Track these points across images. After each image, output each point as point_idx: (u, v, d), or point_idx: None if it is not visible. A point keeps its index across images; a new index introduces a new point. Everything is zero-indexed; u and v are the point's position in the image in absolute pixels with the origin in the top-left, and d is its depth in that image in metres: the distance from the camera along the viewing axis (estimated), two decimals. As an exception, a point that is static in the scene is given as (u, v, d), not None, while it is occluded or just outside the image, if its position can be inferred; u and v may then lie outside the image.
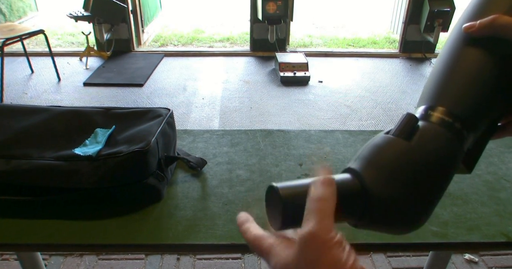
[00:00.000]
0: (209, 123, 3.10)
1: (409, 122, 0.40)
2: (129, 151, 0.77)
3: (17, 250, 1.15)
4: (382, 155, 0.39)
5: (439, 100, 0.42)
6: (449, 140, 0.40)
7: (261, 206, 0.82)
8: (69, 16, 3.86)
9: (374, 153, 0.40)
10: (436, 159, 0.39)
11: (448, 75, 0.43)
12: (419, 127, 0.40)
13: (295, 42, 5.18)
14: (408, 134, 0.40)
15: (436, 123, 0.41)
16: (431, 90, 0.44)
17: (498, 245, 0.76)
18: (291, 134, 1.10)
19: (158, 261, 1.79)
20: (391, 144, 0.39)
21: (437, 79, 0.44)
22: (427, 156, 0.39)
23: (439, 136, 0.40)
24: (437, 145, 0.40)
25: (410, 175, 0.38)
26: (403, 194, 0.38)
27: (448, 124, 0.40)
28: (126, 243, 0.74)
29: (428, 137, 0.40)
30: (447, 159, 0.40)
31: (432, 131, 0.40)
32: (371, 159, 0.40)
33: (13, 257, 1.79)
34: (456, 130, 0.40)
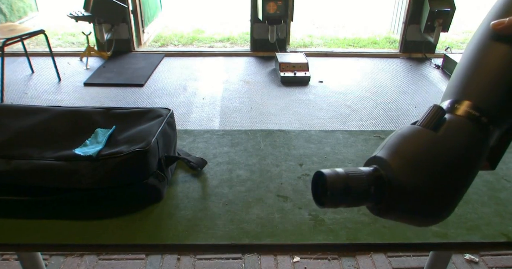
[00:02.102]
0: (209, 123, 3.10)
1: (436, 113, 0.41)
2: (130, 151, 0.77)
3: (18, 250, 1.15)
4: (409, 145, 0.40)
5: (466, 94, 0.43)
6: (476, 134, 0.40)
7: (261, 205, 0.82)
8: (70, 16, 3.86)
9: (401, 143, 0.40)
10: (462, 151, 0.40)
11: (475, 70, 0.44)
12: (446, 119, 0.41)
13: (296, 42, 5.18)
14: (435, 125, 0.40)
15: (463, 116, 0.41)
16: (457, 84, 0.44)
17: (499, 245, 0.75)
18: (291, 134, 1.10)
19: (159, 261, 1.79)
20: (418, 134, 0.40)
21: (463, 73, 0.45)
22: (454, 148, 0.39)
23: (466, 129, 0.40)
24: (464, 137, 0.40)
25: (436, 166, 0.39)
26: (428, 184, 0.38)
27: (475, 118, 0.41)
28: (127, 243, 0.74)
29: (455, 129, 0.40)
30: (473, 152, 0.40)
31: (459, 124, 0.41)
32: (398, 148, 0.40)
33: (14, 257, 1.79)
34: (482, 125, 0.41)
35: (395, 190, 0.39)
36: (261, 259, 1.80)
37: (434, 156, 0.39)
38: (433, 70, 4.21)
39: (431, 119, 0.40)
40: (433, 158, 0.39)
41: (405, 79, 4.01)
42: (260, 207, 0.82)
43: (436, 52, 4.60)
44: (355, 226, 0.77)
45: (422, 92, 3.66)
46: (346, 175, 0.40)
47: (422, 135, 0.40)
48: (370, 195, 0.40)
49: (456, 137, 0.40)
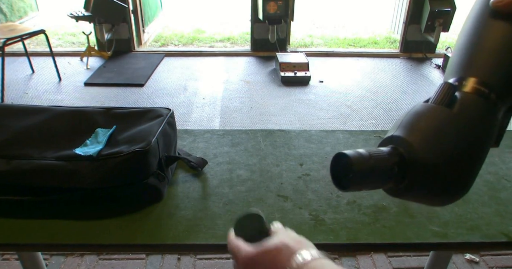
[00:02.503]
0: (209, 123, 3.10)
1: (448, 91, 0.41)
2: (130, 151, 0.77)
3: (18, 250, 1.15)
4: (426, 122, 0.40)
5: (471, 71, 0.43)
6: (488, 110, 0.41)
7: (261, 205, 0.82)
8: (70, 16, 3.86)
9: (418, 121, 0.40)
10: (478, 127, 0.40)
11: (478, 47, 0.44)
12: (457, 96, 0.41)
13: (296, 42, 5.17)
14: (448, 102, 0.40)
15: (473, 93, 0.41)
16: (461, 62, 0.44)
17: (499, 245, 0.76)
18: (291, 134, 1.10)
19: (159, 261, 1.79)
20: (434, 112, 0.40)
21: (466, 51, 0.45)
22: (470, 124, 0.40)
23: (479, 105, 0.41)
24: (478, 114, 0.40)
25: (455, 143, 0.39)
26: (448, 160, 0.38)
27: (485, 94, 0.41)
28: (127, 243, 0.74)
29: (469, 106, 0.40)
30: (487, 128, 0.41)
31: (472, 100, 0.41)
32: (416, 126, 0.40)
33: (14, 257, 1.79)
34: (491, 101, 0.41)
35: (417, 167, 0.39)
36: (261, 259, 1.80)
37: (452, 133, 0.39)
38: (433, 70, 4.21)
39: (444, 96, 0.40)
40: (452, 134, 0.39)
41: (406, 79, 4.01)
42: (261, 207, 0.82)
43: (437, 52, 4.59)
44: (355, 226, 0.77)
45: (422, 92, 3.66)
46: (369, 155, 0.40)
47: (438, 113, 0.40)
48: (393, 175, 0.40)
49: (470, 113, 0.40)
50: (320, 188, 0.88)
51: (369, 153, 0.40)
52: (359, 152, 0.40)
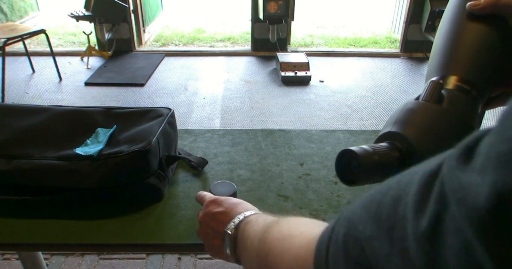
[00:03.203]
0: (210, 122, 3.10)
1: (436, 88, 0.44)
2: (130, 151, 0.77)
3: (19, 249, 1.15)
4: (420, 118, 0.43)
5: (452, 69, 0.46)
6: (471, 104, 0.44)
7: (262, 205, 0.82)
8: (70, 15, 3.86)
9: (412, 117, 0.43)
10: (465, 119, 0.43)
11: (456, 47, 0.47)
12: (444, 94, 0.44)
13: (296, 42, 5.17)
14: (437, 99, 0.43)
15: (456, 90, 0.45)
16: (441, 62, 0.48)
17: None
18: (292, 134, 1.10)
19: (159, 260, 1.79)
20: (426, 108, 0.43)
21: (445, 52, 0.48)
22: (459, 118, 0.43)
23: (464, 101, 0.44)
24: (464, 107, 0.44)
25: (447, 134, 0.42)
26: (442, 151, 0.41)
27: (467, 91, 0.45)
28: (127, 242, 0.74)
29: (455, 101, 0.44)
30: (473, 119, 0.44)
31: (457, 96, 0.44)
32: (411, 122, 0.43)
33: (15, 257, 1.79)
34: (473, 96, 0.45)
35: (415, 160, 0.41)
36: (261, 259, 1.80)
37: (444, 127, 0.42)
38: (434, 70, 4.21)
39: (433, 94, 0.43)
40: (444, 128, 0.42)
41: (406, 78, 4.00)
42: (261, 207, 0.82)
43: (437, 52, 4.59)
44: (356, 226, 0.77)
45: (423, 92, 3.66)
46: (373, 151, 0.42)
47: (430, 109, 0.43)
48: (395, 168, 0.42)
49: (458, 108, 0.43)
50: (321, 188, 0.88)
51: (373, 148, 0.42)
52: (364, 148, 0.43)
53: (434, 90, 0.44)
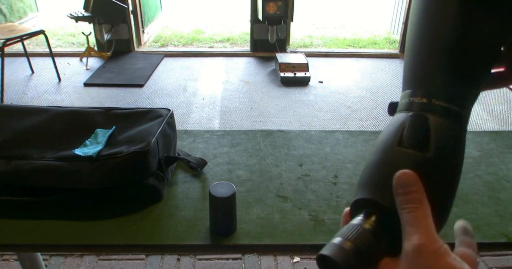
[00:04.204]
0: (209, 123, 3.10)
1: (420, 129, 0.36)
2: (130, 152, 0.77)
3: (17, 250, 1.15)
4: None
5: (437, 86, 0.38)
6: (461, 132, 0.37)
7: (261, 206, 0.82)
8: (70, 16, 3.86)
9: (388, 176, 0.36)
10: (455, 161, 0.37)
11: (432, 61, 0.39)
12: (430, 129, 0.36)
13: (296, 43, 5.18)
14: (423, 144, 0.36)
15: (444, 116, 0.36)
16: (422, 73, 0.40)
17: (499, 245, 0.75)
18: (291, 135, 1.10)
19: (159, 261, 1.79)
20: (408, 162, 0.36)
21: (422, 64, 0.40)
22: (447, 164, 0.36)
23: (454, 132, 0.37)
24: (453, 146, 0.37)
25: (433, 192, 0.36)
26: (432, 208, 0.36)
27: (456, 113, 0.37)
28: (127, 243, 0.74)
29: (445, 140, 0.36)
30: (461, 152, 0.37)
31: (445, 131, 0.36)
32: (386, 184, 0.36)
33: (13, 258, 1.79)
34: (463, 117, 0.37)
35: (397, 230, 0.35)
36: (261, 260, 1.80)
37: (430, 182, 0.35)
38: (433, 71, 4.21)
39: (417, 137, 0.36)
40: (430, 183, 0.35)
41: (405, 79, 4.01)
42: (260, 208, 0.82)
43: (436, 53, 4.60)
44: (355, 227, 0.77)
45: (422, 93, 3.66)
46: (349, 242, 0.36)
47: (412, 162, 0.35)
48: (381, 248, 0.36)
49: (447, 149, 0.36)
50: (320, 189, 0.88)
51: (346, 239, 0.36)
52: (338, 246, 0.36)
53: (417, 132, 0.36)
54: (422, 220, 0.33)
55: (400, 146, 0.37)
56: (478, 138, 1.10)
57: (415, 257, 0.33)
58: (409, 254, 0.33)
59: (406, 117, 0.38)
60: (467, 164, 0.98)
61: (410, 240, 0.33)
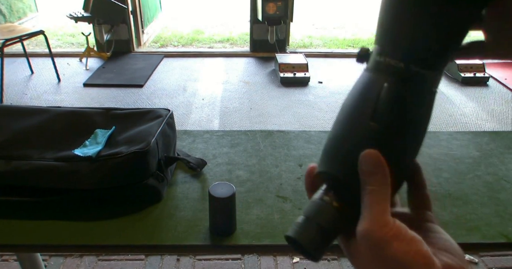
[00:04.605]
0: (209, 123, 3.10)
1: (397, 106, 0.34)
2: (129, 152, 0.77)
3: (17, 251, 1.15)
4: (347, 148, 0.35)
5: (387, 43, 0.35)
6: (433, 101, 0.35)
7: (260, 206, 0.82)
8: (69, 16, 3.86)
9: (338, 148, 0.36)
10: (423, 131, 0.35)
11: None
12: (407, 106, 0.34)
13: (295, 43, 5.18)
14: (398, 123, 0.34)
15: (419, 84, 0.33)
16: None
17: (498, 245, 0.76)
18: (291, 135, 1.10)
19: (158, 261, 1.79)
20: (379, 141, 0.34)
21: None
22: (416, 134, 0.35)
23: (428, 107, 0.34)
24: (426, 120, 0.35)
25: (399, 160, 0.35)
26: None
27: (430, 81, 0.34)
28: (126, 243, 0.74)
29: (418, 116, 0.34)
30: (430, 118, 0.35)
31: (421, 105, 0.34)
32: (337, 155, 0.36)
33: (13, 258, 1.79)
34: (435, 85, 0.34)
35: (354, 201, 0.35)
36: (260, 260, 1.80)
37: (396, 156, 0.35)
38: (432, 71, 4.22)
39: (392, 115, 0.34)
40: (395, 158, 0.34)
41: (405, 79, 4.01)
42: (260, 208, 0.82)
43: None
44: (354, 227, 0.77)
45: (421, 93, 3.66)
46: (311, 220, 0.35)
47: (383, 143, 0.34)
48: (339, 212, 0.36)
49: (419, 125, 0.35)
50: (320, 189, 0.88)
51: (307, 217, 0.36)
52: (300, 225, 0.36)
53: (394, 107, 0.33)
54: (377, 204, 0.33)
55: (372, 121, 0.34)
56: (478, 139, 1.10)
57: (363, 243, 0.33)
58: (358, 239, 0.33)
59: (381, 86, 0.34)
60: (467, 164, 0.98)
61: (360, 224, 0.33)
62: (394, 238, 0.32)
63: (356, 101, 0.36)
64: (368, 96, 0.35)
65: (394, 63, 0.34)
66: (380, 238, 0.32)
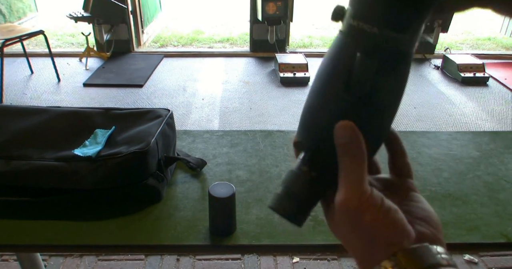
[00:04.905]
0: (208, 123, 3.10)
1: (370, 78, 0.32)
2: (129, 152, 0.77)
3: (17, 251, 1.15)
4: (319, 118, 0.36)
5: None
6: (409, 71, 0.34)
7: (260, 206, 0.82)
8: (69, 16, 3.86)
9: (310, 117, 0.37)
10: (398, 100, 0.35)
11: None
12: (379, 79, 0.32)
13: (295, 43, 5.18)
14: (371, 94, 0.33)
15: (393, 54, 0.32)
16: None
17: (498, 245, 0.76)
18: (291, 135, 1.10)
19: (158, 261, 1.79)
20: (353, 113, 0.34)
21: None
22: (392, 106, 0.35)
23: (403, 77, 0.34)
24: (402, 90, 0.34)
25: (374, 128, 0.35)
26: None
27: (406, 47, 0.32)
28: (126, 243, 0.74)
29: (393, 87, 0.34)
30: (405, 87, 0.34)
31: (395, 75, 0.33)
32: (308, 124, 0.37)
33: (13, 258, 1.79)
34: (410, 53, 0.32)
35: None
36: (260, 260, 1.80)
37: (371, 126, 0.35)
38: (432, 71, 4.21)
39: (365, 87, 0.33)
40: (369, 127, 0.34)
41: (405, 79, 4.01)
42: (260, 208, 0.82)
43: (436, 53, 4.60)
44: (354, 227, 0.77)
45: (421, 93, 3.66)
46: (288, 190, 0.36)
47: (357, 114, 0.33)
48: (316, 181, 0.36)
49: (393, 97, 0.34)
50: (319, 189, 0.88)
51: (286, 187, 0.36)
52: (279, 195, 0.37)
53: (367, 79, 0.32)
54: (354, 174, 0.33)
55: (345, 92, 0.33)
56: (478, 139, 1.10)
57: (340, 213, 0.34)
58: (336, 208, 0.34)
59: (353, 54, 0.32)
60: (467, 164, 0.98)
61: (338, 195, 0.34)
62: (370, 208, 0.33)
63: (329, 70, 0.35)
64: (341, 66, 0.33)
65: (368, 29, 0.31)
66: (356, 207, 0.33)
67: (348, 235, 0.35)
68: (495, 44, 5.35)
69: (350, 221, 0.34)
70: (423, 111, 3.31)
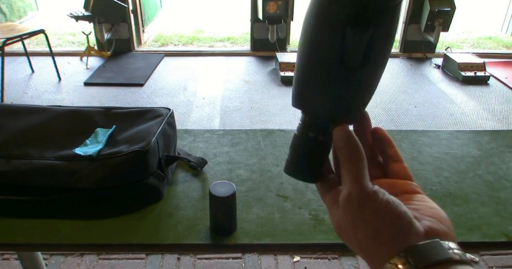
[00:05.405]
0: (209, 122, 3.10)
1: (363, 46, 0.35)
2: (130, 151, 0.77)
3: (18, 249, 1.15)
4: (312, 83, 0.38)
5: None
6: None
7: (261, 205, 0.82)
8: (70, 15, 3.86)
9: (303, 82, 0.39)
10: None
11: None
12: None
13: (296, 42, 5.17)
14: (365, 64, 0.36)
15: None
16: None
17: (499, 245, 0.75)
18: (291, 134, 1.10)
19: (159, 260, 1.79)
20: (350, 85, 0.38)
21: None
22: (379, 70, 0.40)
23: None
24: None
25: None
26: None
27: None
28: (127, 242, 0.74)
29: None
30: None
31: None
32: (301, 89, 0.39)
33: (14, 257, 1.79)
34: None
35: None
36: (261, 259, 1.80)
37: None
38: (433, 70, 4.21)
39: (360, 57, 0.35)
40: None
41: (405, 78, 4.01)
42: (260, 207, 0.82)
43: (436, 52, 4.60)
44: (355, 226, 0.77)
45: (422, 92, 3.66)
46: (292, 153, 0.41)
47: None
48: (315, 140, 0.40)
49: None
50: (320, 188, 0.88)
51: (294, 151, 0.41)
52: (288, 160, 0.42)
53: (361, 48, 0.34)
54: (356, 169, 0.35)
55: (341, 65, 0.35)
56: (479, 138, 1.10)
57: (344, 209, 0.36)
58: (340, 206, 0.36)
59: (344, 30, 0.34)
60: (468, 163, 0.98)
61: (341, 194, 0.36)
62: (372, 201, 0.34)
63: (321, 43, 0.36)
64: (333, 40, 0.35)
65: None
66: (358, 201, 0.34)
67: (353, 232, 0.35)
68: (496, 43, 5.34)
69: (353, 215, 0.35)
70: (423, 110, 3.30)
